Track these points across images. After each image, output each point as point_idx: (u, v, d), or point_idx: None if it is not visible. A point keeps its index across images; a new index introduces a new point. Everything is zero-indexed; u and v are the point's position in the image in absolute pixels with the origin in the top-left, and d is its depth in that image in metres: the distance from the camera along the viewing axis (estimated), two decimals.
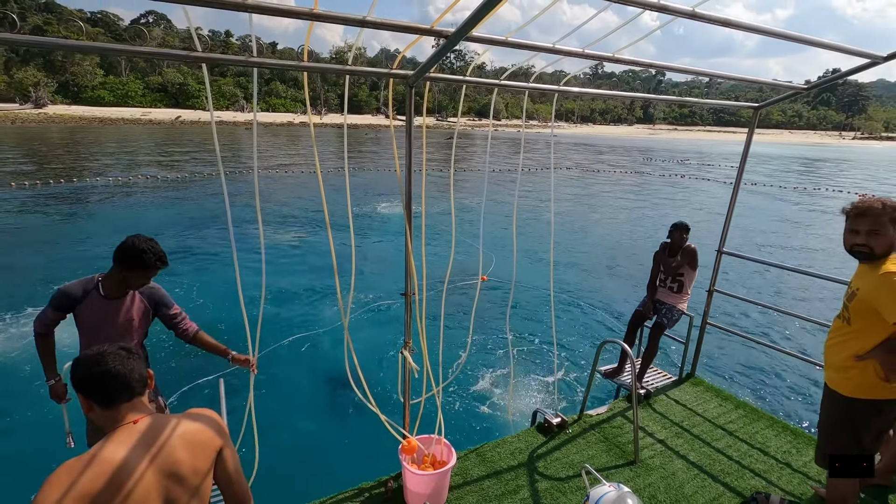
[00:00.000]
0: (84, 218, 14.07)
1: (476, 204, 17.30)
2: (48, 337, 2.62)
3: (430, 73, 2.49)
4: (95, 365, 1.35)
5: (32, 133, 42.19)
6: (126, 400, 1.38)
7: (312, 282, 9.21)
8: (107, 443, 1.30)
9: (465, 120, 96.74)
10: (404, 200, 2.73)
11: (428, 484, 2.84)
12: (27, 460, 4.37)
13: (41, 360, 2.65)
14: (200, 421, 1.47)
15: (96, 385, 1.35)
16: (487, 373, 6.05)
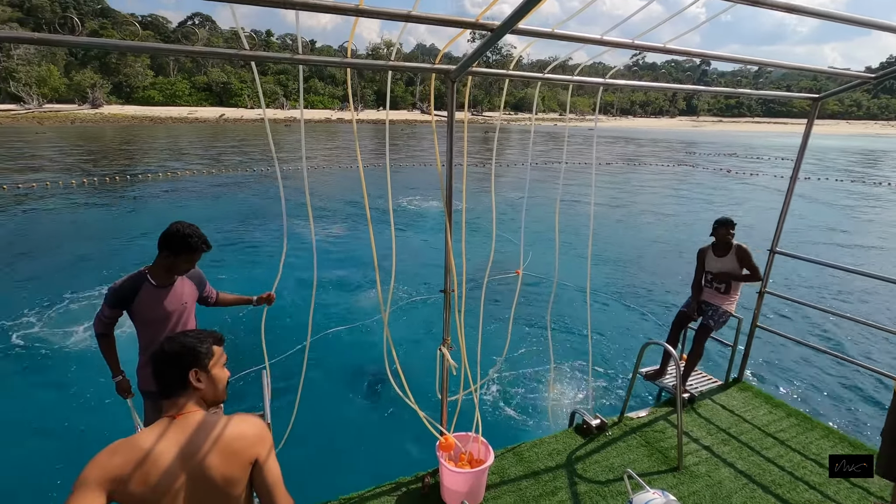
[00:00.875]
0: (137, 212, 14.78)
1: (516, 198, 17.14)
2: (108, 336, 2.75)
3: (473, 68, 2.45)
4: (161, 352, 1.41)
5: (90, 132, 44.64)
6: (176, 397, 1.43)
7: (350, 275, 9.35)
8: (152, 431, 1.36)
9: (502, 114, 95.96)
10: (445, 196, 2.71)
11: (465, 482, 2.83)
12: (96, 443, 4.65)
13: (105, 358, 2.79)
14: (243, 427, 1.46)
15: (156, 374, 1.41)
16: (525, 371, 5.98)
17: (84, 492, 1.22)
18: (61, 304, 7.74)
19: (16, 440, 4.79)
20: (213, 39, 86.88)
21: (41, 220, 13.56)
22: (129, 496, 1.28)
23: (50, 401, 5.41)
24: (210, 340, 1.55)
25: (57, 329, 6.95)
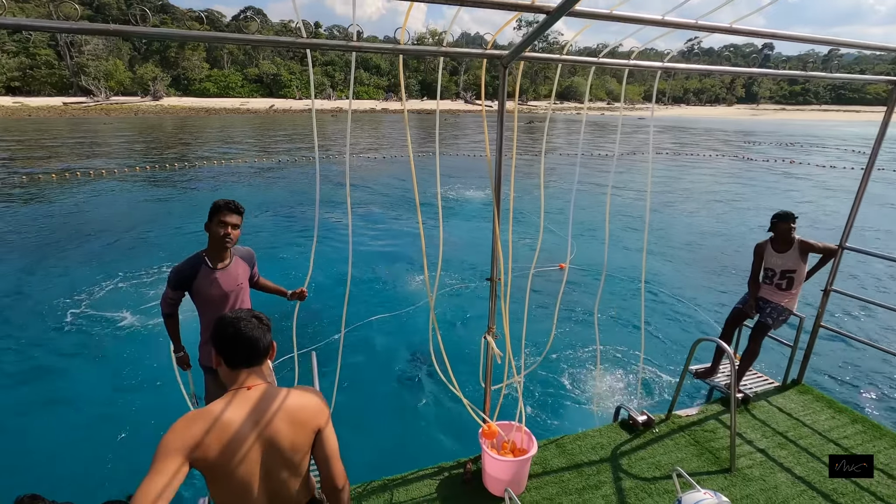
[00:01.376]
0: (191, 197, 15.53)
1: (560, 189, 16.83)
2: (173, 316, 2.92)
3: (525, 53, 2.40)
4: (230, 326, 1.49)
5: (151, 122, 47.18)
6: (247, 366, 1.51)
7: (394, 263, 9.49)
8: (223, 402, 1.44)
9: (547, 103, 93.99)
10: (494, 184, 2.69)
11: (508, 470, 2.84)
12: (159, 414, 4.97)
13: (169, 335, 2.97)
14: (305, 399, 1.55)
15: (227, 345, 1.48)
16: (569, 364, 5.90)
17: (168, 458, 1.30)
18: (114, 283, 8.27)
19: (75, 414, 5.19)
20: (264, 32, 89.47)
21: (106, 203, 14.49)
22: (207, 463, 1.36)
23: (104, 374, 5.81)
24: (266, 320, 1.62)
25: (111, 305, 7.43)
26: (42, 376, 5.78)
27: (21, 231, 11.51)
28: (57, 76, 69.01)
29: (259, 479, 1.46)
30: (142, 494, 1.24)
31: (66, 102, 62.09)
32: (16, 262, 9.41)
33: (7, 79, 65.98)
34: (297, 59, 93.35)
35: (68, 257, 9.77)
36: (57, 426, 4.90)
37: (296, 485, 1.58)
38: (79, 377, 5.78)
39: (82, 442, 4.66)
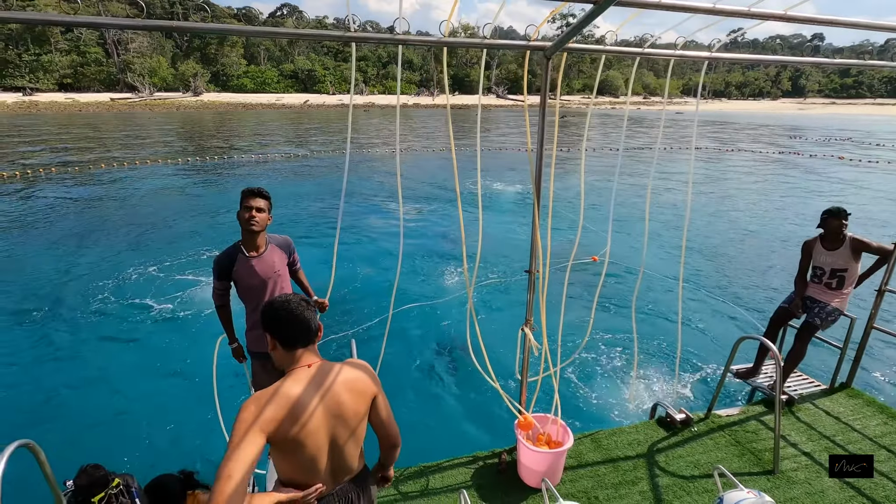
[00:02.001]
0: (228, 189, 16.03)
1: (594, 186, 16.56)
2: (225, 307, 3.04)
3: (569, 45, 2.39)
4: (283, 310, 1.56)
5: (192, 117, 48.82)
6: (303, 345, 1.58)
7: (430, 255, 9.58)
8: (287, 381, 1.51)
9: (580, 98, 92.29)
10: (534, 178, 2.69)
11: (543, 461, 2.85)
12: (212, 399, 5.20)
13: (223, 327, 3.09)
14: (358, 370, 1.66)
15: (281, 327, 1.55)
16: (605, 359, 5.85)
17: (248, 434, 1.37)
18: (154, 268, 8.64)
19: (129, 391, 5.47)
20: (298, 26, 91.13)
21: (149, 193, 15.11)
22: (282, 437, 1.45)
23: (144, 355, 6.10)
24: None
25: (149, 291, 7.77)
26: (88, 355, 6.11)
27: (73, 217, 12.16)
28: (105, 73, 72.16)
29: (326, 450, 1.56)
30: (228, 469, 1.31)
31: (114, 98, 64.91)
32: (68, 246, 9.95)
33: (60, 76, 69.45)
34: (332, 55, 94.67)
35: (114, 243, 10.26)
36: (111, 403, 5.19)
37: (355, 452, 1.69)
38: (121, 358, 6.09)
39: (130, 419, 4.92)
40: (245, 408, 1.44)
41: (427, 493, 2.90)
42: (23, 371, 5.78)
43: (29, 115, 49.05)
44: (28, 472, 2.17)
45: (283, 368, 1.60)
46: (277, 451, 1.51)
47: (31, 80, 66.92)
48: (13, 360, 5.99)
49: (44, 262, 9.23)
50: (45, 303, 7.46)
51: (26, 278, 8.41)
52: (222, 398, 3.73)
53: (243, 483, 1.31)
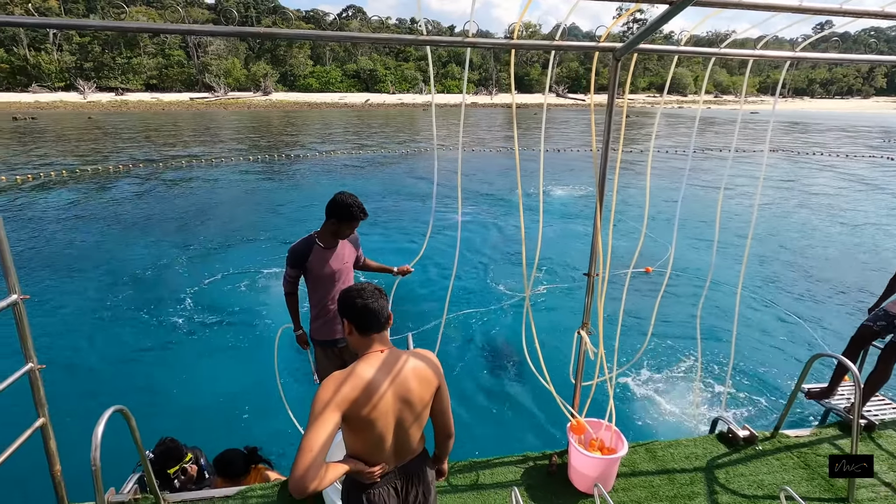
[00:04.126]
0: (295, 184, 16.81)
1: (659, 188, 15.93)
2: (294, 295, 3.24)
3: (640, 45, 2.35)
4: (359, 297, 1.67)
5: (261, 116, 51.49)
6: (377, 331, 1.69)
7: (486, 256, 9.63)
8: (361, 364, 1.63)
9: (645, 96, 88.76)
10: (598, 179, 2.67)
11: (596, 467, 2.82)
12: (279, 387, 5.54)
13: (290, 314, 3.29)
14: (425, 359, 1.75)
15: (358, 313, 1.66)
16: (662, 368, 5.66)
17: (326, 412, 1.51)
18: (229, 259, 9.20)
19: (196, 374, 5.89)
20: (362, 28, 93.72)
21: (223, 187, 16.13)
22: (355, 416, 1.57)
23: (220, 343, 6.53)
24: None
25: (223, 285, 8.29)
26: (164, 337, 6.64)
27: (157, 209, 13.21)
28: (186, 74, 77.60)
29: (392, 431, 1.66)
30: (309, 442, 1.45)
31: (192, 98, 69.60)
32: (150, 235, 10.84)
33: (147, 77, 75.44)
34: (393, 55, 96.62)
35: (192, 233, 11.06)
36: (181, 382, 5.63)
37: (417, 435, 1.79)
38: (193, 341, 6.57)
39: (200, 398, 5.31)
40: (324, 386, 1.57)
41: (477, 487, 2.96)
42: (103, 351, 6.37)
43: (120, 112, 53.60)
44: (112, 436, 2.39)
45: (357, 352, 1.71)
46: (349, 428, 1.62)
47: (123, 81, 73.18)
48: (94, 340, 6.61)
49: (125, 250, 10.12)
50: (124, 288, 8.18)
51: (109, 265, 9.24)
52: (285, 383, 3.96)
53: (321, 454, 1.43)
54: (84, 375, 5.73)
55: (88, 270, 8.92)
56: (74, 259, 9.51)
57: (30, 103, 57.80)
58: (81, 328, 6.84)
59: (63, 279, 8.51)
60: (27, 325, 2.35)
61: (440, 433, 1.91)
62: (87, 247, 10.27)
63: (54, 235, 10.93)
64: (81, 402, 5.02)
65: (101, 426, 2.14)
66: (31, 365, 2.37)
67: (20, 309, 2.30)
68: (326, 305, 3.14)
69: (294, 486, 1.43)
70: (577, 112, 64.89)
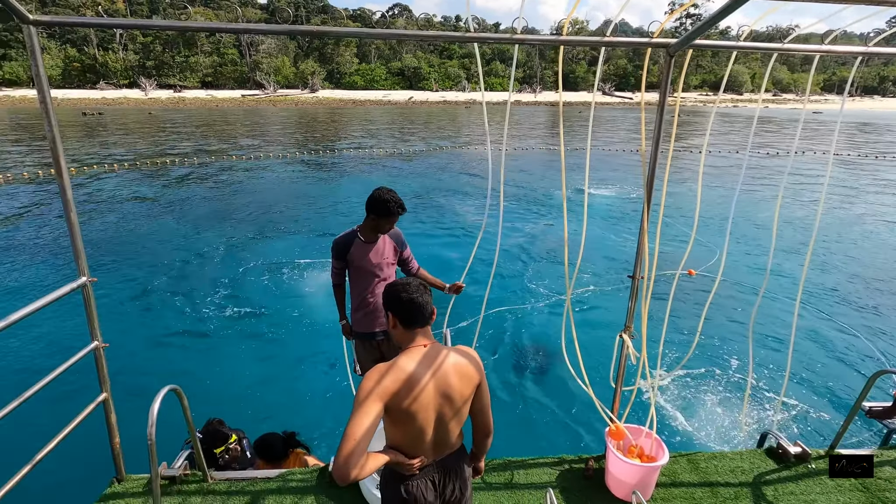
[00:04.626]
0: (338, 180, 17.19)
1: (710, 190, 15.32)
2: (340, 287, 3.32)
3: (696, 41, 2.26)
4: (404, 291, 1.70)
5: (308, 113, 52.92)
6: (420, 325, 1.71)
7: (526, 256, 9.55)
8: (403, 357, 1.65)
9: (697, 94, 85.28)
10: (645, 179, 2.59)
11: (635, 474, 2.75)
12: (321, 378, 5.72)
13: (337, 304, 3.37)
14: (467, 357, 1.75)
15: (404, 307, 1.69)
16: (709, 378, 5.45)
17: (369, 402, 1.55)
18: (274, 249, 9.51)
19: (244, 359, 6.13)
20: (408, 26, 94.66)
21: (271, 180, 16.69)
22: (397, 408, 1.60)
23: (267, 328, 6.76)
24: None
25: (268, 274, 8.58)
26: (213, 328, 6.95)
27: (207, 200, 13.84)
28: (238, 72, 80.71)
29: (433, 425, 1.68)
30: (351, 430, 1.49)
31: (244, 95, 72.29)
32: (202, 225, 11.37)
33: (203, 75, 79.00)
34: (437, 53, 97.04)
35: (239, 224, 11.52)
36: (225, 368, 5.88)
37: (456, 431, 1.80)
38: (239, 328, 6.84)
39: (245, 383, 5.53)
40: (367, 377, 1.62)
41: (511, 486, 2.94)
42: (148, 333, 6.71)
43: (177, 108, 56.37)
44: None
45: (401, 346, 1.74)
46: (390, 419, 1.65)
47: (181, 79, 76.94)
48: (142, 322, 6.99)
49: (175, 238, 10.65)
50: (171, 274, 8.62)
51: (159, 252, 9.74)
52: (321, 372, 4.06)
53: (363, 443, 1.47)
54: (128, 356, 6.05)
55: (140, 256, 9.48)
56: (128, 245, 10.12)
57: (97, 99, 61.70)
58: (129, 311, 7.26)
59: (116, 263, 9.05)
60: (94, 305, 2.51)
61: (479, 431, 1.91)
62: (139, 234, 10.90)
63: (111, 223, 11.65)
64: (126, 381, 5.33)
65: (156, 404, 2.26)
66: (97, 343, 2.54)
67: (88, 291, 2.47)
68: (366, 298, 3.21)
69: (336, 472, 1.47)
70: (623, 111, 63.16)
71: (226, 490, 2.86)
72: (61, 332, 6.37)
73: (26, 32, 2.04)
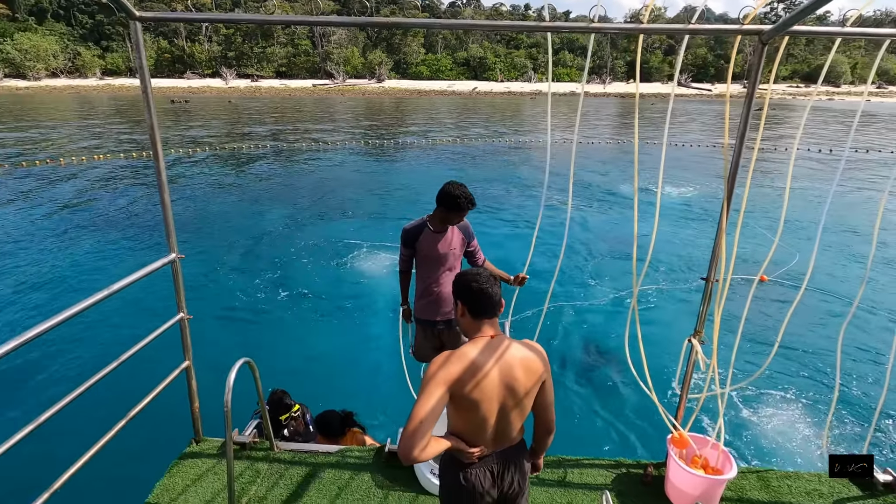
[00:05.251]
0: (401, 170, 17.50)
1: (800, 191, 14.16)
2: (407, 273, 3.40)
3: (795, 27, 2.08)
4: (475, 281, 1.72)
5: (374, 102, 54.14)
6: (488, 316, 1.72)
7: (590, 252, 9.31)
8: (470, 345, 1.68)
9: (786, 87, 78.60)
10: (727, 176, 2.44)
11: (699, 486, 2.63)
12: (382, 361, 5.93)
13: (401, 289, 3.46)
14: (534, 351, 1.75)
15: (474, 297, 1.71)
16: (785, 392, 5.08)
17: (435, 387, 1.59)
18: (340, 235, 9.85)
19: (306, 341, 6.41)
20: (475, 16, 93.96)
21: (338, 168, 17.28)
22: (461, 395, 1.63)
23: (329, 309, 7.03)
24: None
25: (329, 260, 8.89)
26: (279, 307, 7.32)
27: (278, 184, 14.56)
28: (310, 62, 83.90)
29: (495, 416, 1.70)
30: (416, 412, 1.54)
31: (315, 84, 75.11)
32: (276, 210, 11.99)
33: (277, 65, 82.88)
34: (503, 43, 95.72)
35: (306, 208, 12.04)
36: (289, 346, 6.20)
37: (518, 425, 1.80)
38: (304, 309, 7.16)
39: (307, 362, 5.81)
40: (434, 362, 1.66)
41: (564, 485, 2.91)
42: (218, 307, 7.15)
43: (254, 97, 59.56)
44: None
45: (467, 335, 1.76)
46: (454, 405, 1.68)
47: (258, 69, 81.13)
48: (215, 295, 7.46)
49: (248, 219, 11.30)
50: (242, 252, 9.14)
51: (232, 232, 10.36)
52: (378, 356, 4.17)
53: (426, 425, 1.51)
54: (198, 327, 6.48)
55: (213, 234, 10.18)
56: (201, 223, 10.89)
57: (184, 88, 66.46)
58: (201, 285, 7.78)
59: (191, 240, 9.73)
60: (181, 280, 2.73)
61: (540, 427, 1.90)
62: (212, 213, 11.70)
63: (191, 203, 12.55)
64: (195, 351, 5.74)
65: (233, 374, 2.43)
66: (182, 315, 2.76)
67: (177, 266, 2.69)
68: (430, 287, 3.26)
69: (401, 450, 1.54)
70: (699, 103, 59.43)
71: (289, 459, 3.04)
72: (140, 303, 6.84)
73: (133, 28, 2.23)
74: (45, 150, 19.95)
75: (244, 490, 2.81)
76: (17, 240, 9.65)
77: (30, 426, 1.80)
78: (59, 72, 73.46)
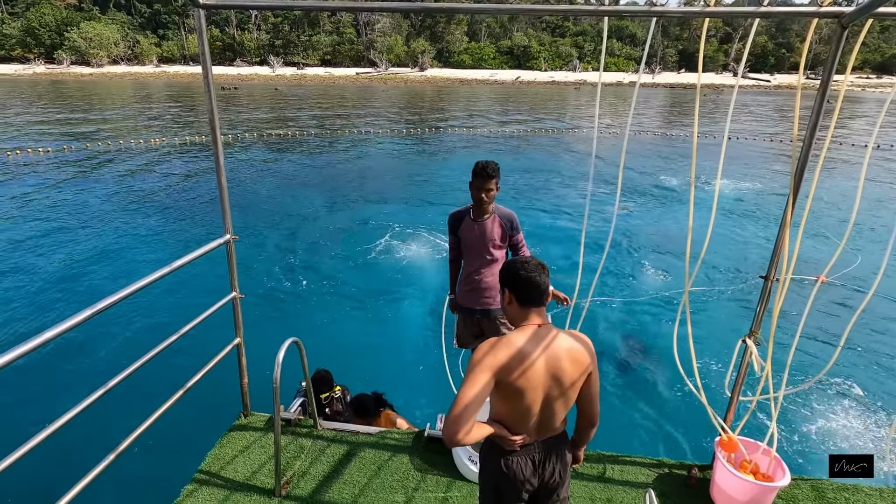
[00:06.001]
0: (443, 157, 17.49)
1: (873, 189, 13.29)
2: (455, 262, 3.41)
3: (882, 9, 1.92)
4: (523, 269, 1.70)
5: (416, 91, 54.17)
6: (535, 305, 1.71)
7: (637, 248, 9.07)
8: (515, 333, 1.67)
9: (854, 78, 73.32)
10: (794, 171, 2.30)
11: (748, 492, 2.54)
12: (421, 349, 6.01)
13: (450, 277, 3.46)
14: (581, 342, 1.72)
15: (522, 285, 1.70)
16: (841, 398, 4.82)
17: (481, 373, 1.60)
18: (376, 221, 9.97)
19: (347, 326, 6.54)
20: (522, 0, 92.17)
21: (379, 155, 17.45)
22: (506, 382, 1.64)
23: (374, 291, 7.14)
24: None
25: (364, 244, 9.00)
26: (319, 291, 7.49)
27: (321, 170, 14.86)
28: (354, 51, 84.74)
29: (539, 405, 1.69)
30: (461, 396, 1.56)
31: (358, 73, 75.83)
32: (321, 195, 12.26)
33: (322, 53, 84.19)
34: (549, 31, 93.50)
35: (348, 194, 12.25)
36: (326, 328, 6.35)
37: (562, 415, 1.79)
38: (346, 294, 7.31)
39: (348, 345, 5.94)
40: (479, 348, 1.66)
41: (605, 480, 2.87)
42: (259, 288, 7.37)
43: (300, 85, 60.76)
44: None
45: (515, 324, 1.75)
46: (498, 392, 1.68)
47: (303, 57, 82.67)
48: (262, 277, 7.71)
49: (293, 203, 11.59)
50: (286, 235, 9.37)
51: (276, 216, 10.65)
52: (424, 344, 4.20)
53: (470, 409, 1.53)
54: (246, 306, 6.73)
55: (261, 217, 10.50)
56: (250, 206, 11.23)
57: (233, 75, 68.49)
58: (251, 266, 8.03)
59: (240, 223, 10.07)
60: (235, 261, 2.83)
61: (584, 419, 1.87)
62: (260, 196, 12.07)
63: (240, 186, 12.99)
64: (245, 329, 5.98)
65: (282, 352, 2.52)
66: (235, 294, 2.87)
67: (231, 247, 2.79)
68: (471, 275, 3.26)
69: (445, 433, 1.56)
70: (755, 94, 56.38)
71: (332, 437, 3.13)
72: (189, 283, 7.16)
73: (196, 15, 2.30)
74: (107, 134, 21.09)
75: (289, 464, 2.92)
76: (83, 218, 10.28)
77: (99, 391, 1.93)
78: (120, 59, 77.22)
